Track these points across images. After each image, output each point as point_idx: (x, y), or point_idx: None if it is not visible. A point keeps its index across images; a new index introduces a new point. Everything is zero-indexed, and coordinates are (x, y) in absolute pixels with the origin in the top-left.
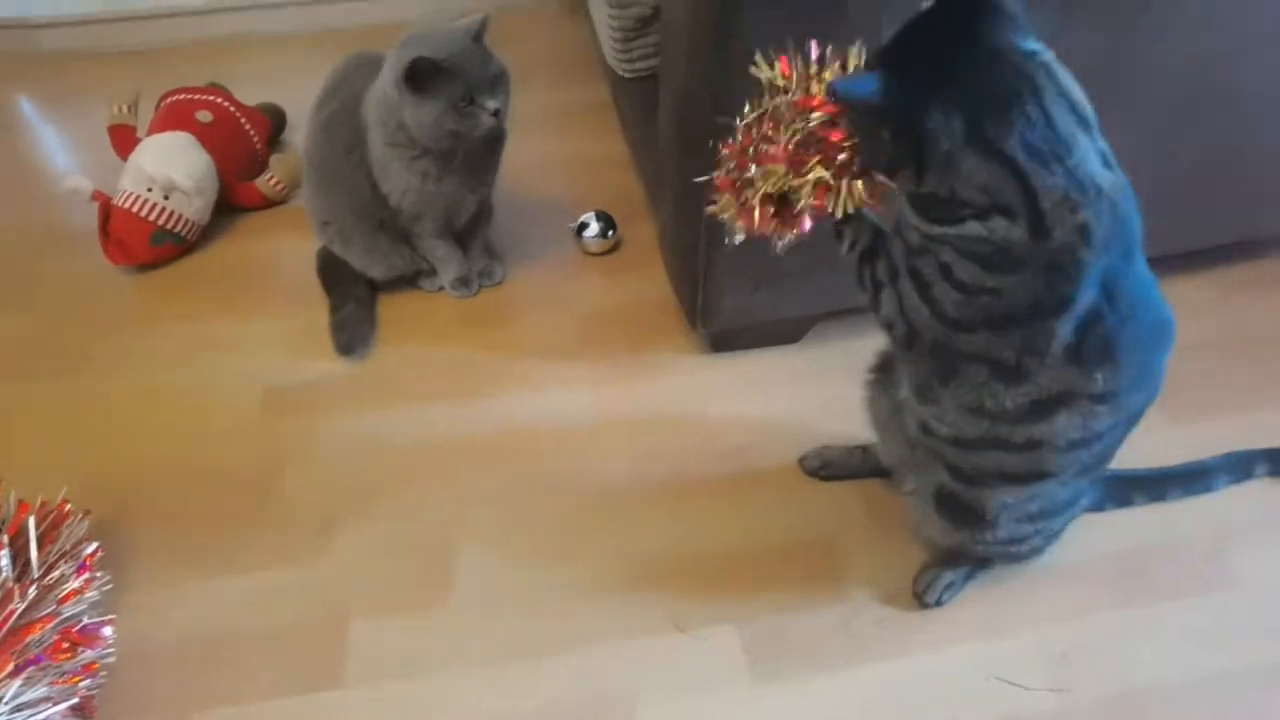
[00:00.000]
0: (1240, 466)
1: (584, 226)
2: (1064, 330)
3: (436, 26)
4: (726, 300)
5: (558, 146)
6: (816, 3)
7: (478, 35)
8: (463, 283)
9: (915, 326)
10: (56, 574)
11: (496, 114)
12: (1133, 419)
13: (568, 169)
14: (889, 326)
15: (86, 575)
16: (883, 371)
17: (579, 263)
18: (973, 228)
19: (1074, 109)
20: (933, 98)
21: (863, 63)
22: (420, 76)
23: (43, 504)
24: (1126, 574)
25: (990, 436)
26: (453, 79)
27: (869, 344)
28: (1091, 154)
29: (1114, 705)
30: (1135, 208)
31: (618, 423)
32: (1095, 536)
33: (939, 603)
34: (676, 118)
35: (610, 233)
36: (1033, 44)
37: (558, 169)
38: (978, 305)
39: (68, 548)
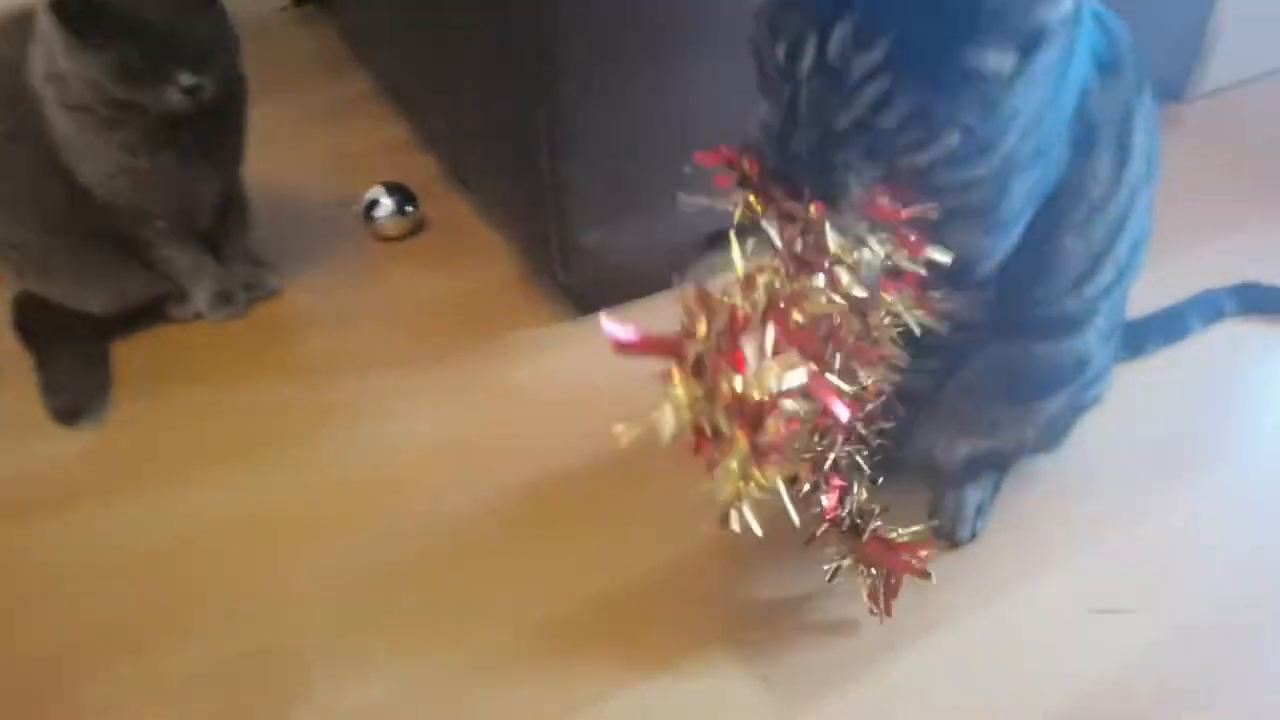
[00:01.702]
0: (1211, 308)
1: (373, 205)
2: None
3: None
4: (589, 234)
5: (325, 142)
6: None
7: None
8: (223, 299)
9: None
10: None
11: (194, 91)
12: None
13: (341, 162)
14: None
15: None
16: None
17: (377, 253)
18: None
19: None
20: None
21: None
22: (69, 13)
23: None
24: (1144, 460)
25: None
26: (125, 33)
27: None
28: None
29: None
30: None
31: (478, 433)
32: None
33: (974, 535)
34: None
35: (409, 208)
36: None
37: (330, 165)
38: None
39: None
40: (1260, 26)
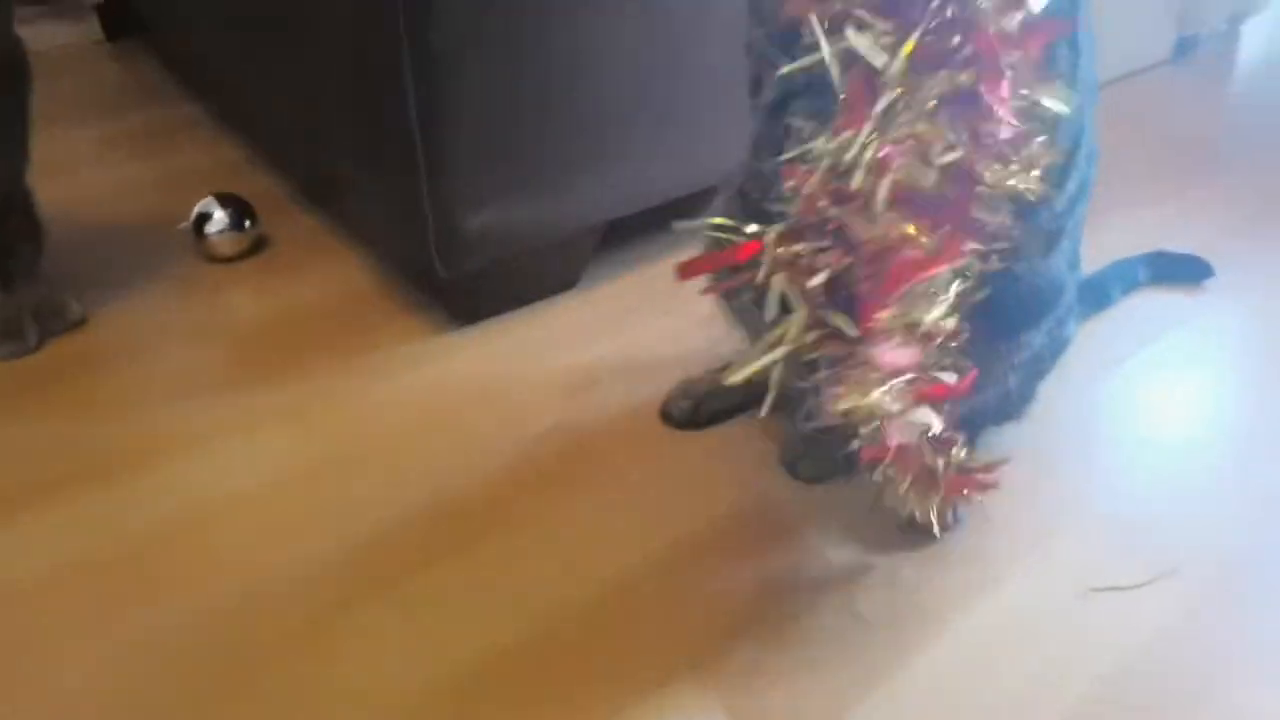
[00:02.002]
0: (1128, 277)
1: (204, 220)
2: None
3: None
4: (469, 217)
5: (146, 166)
6: None
7: None
8: (6, 332)
9: None
10: None
11: None
12: None
13: (166, 184)
14: None
15: None
16: None
17: (209, 275)
18: None
19: None
20: None
21: None
22: None
23: None
24: (1099, 427)
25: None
26: None
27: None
28: None
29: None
30: None
31: (337, 461)
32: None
33: (956, 519)
34: None
35: (247, 223)
36: None
37: (152, 187)
38: None
39: None
40: (1125, 28)
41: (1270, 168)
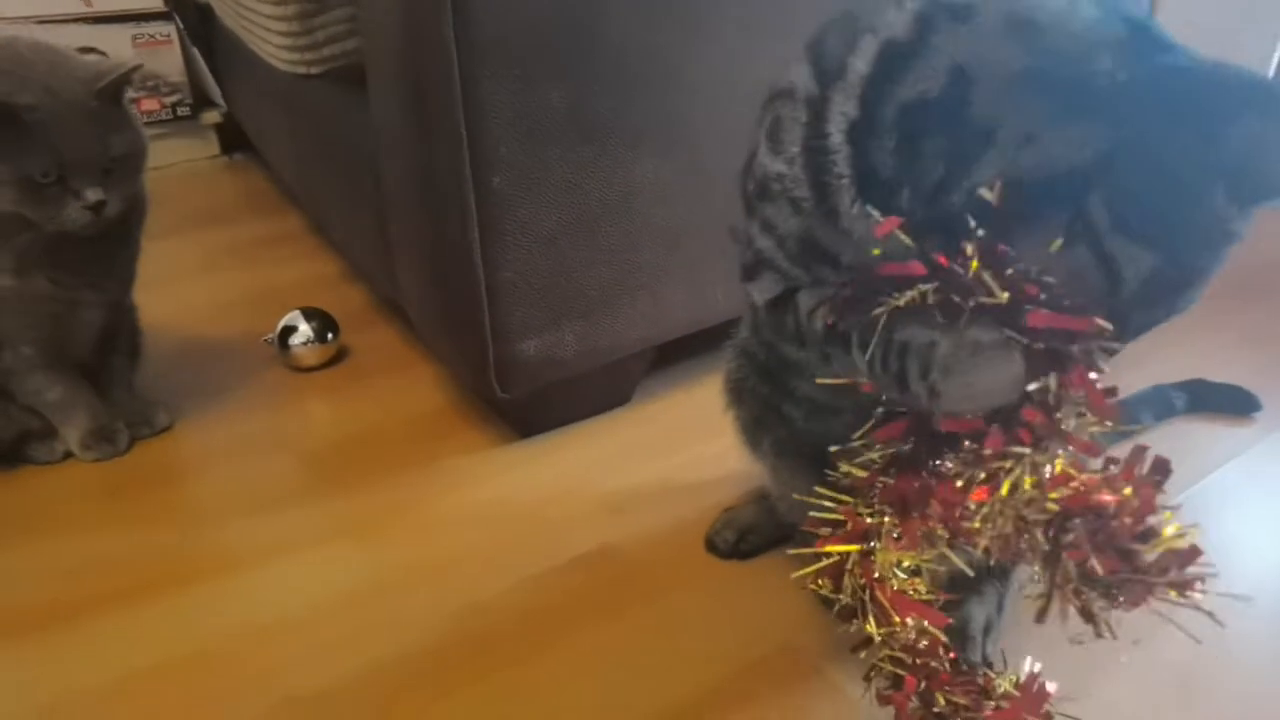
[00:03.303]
0: (1163, 404)
1: (289, 333)
2: None
3: (35, 44)
4: (526, 344)
5: (243, 278)
6: None
7: (107, 91)
8: (100, 437)
9: None
10: None
11: (98, 208)
12: None
13: (261, 297)
14: None
15: None
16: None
17: (291, 384)
18: None
19: None
20: None
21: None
22: None
23: None
24: None
25: None
26: (30, 142)
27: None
28: None
29: None
30: None
31: (400, 573)
32: None
33: (986, 659)
34: (401, 103)
35: (330, 335)
36: None
37: (247, 300)
38: None
39: None
40: None
41: None
